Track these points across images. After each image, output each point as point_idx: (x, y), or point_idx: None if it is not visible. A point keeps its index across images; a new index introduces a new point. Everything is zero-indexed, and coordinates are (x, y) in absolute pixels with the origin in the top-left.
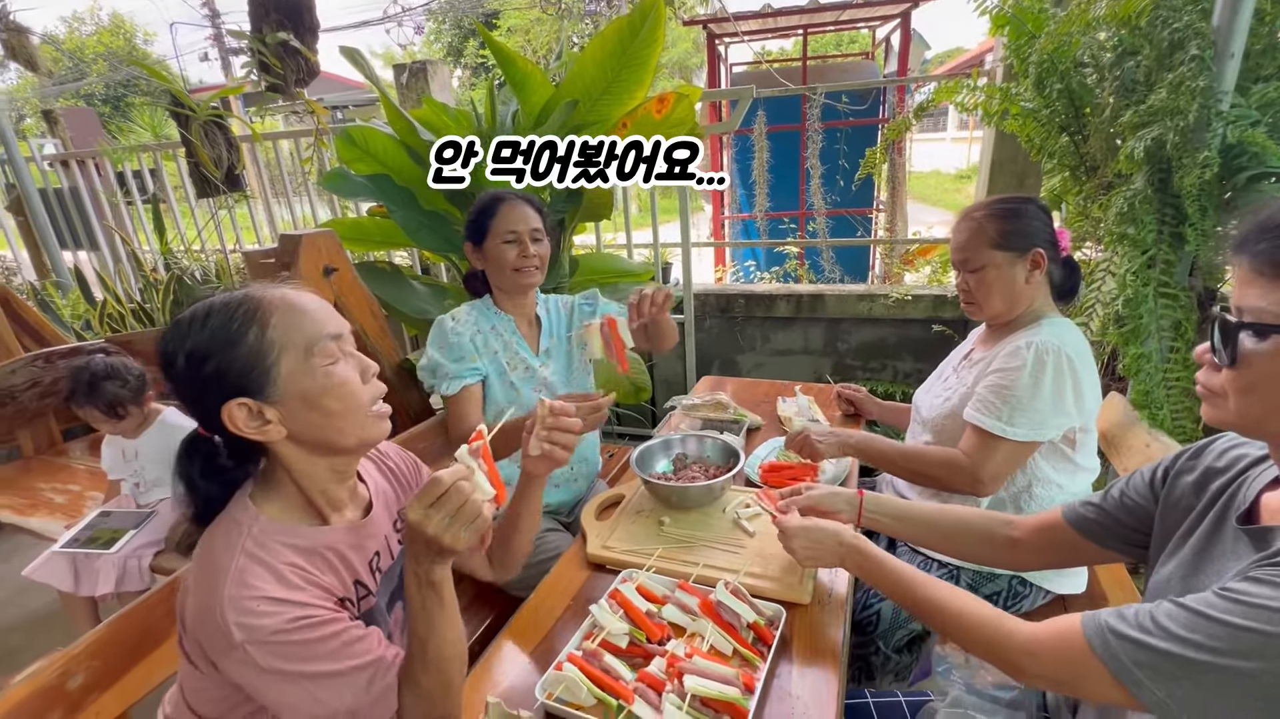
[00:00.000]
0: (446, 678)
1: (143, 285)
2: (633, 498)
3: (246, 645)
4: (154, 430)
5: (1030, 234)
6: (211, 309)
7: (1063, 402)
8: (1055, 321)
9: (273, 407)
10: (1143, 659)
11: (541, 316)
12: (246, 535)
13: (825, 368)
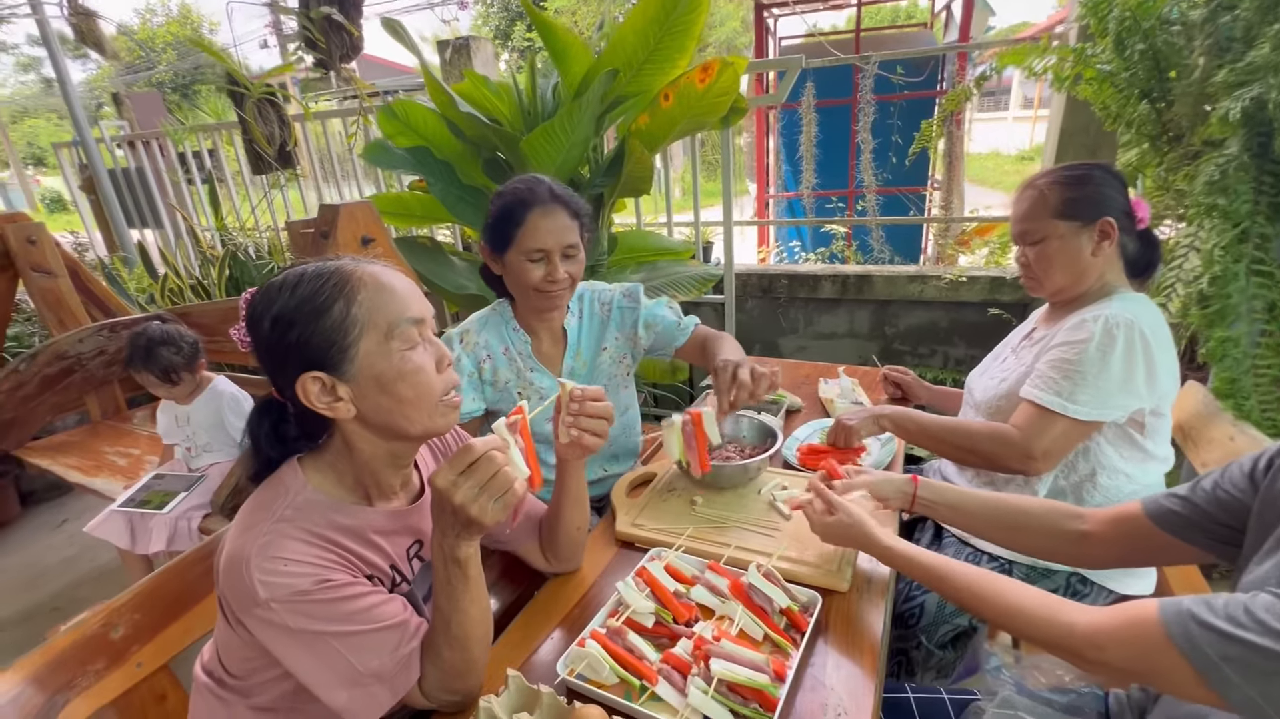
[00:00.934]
0: (469, 654)
1: (200, 261)
2: (664, 476)
3: (272, 603)
4: (205, 397)
5: (1099, 202)
6: (304, 277)
7: (1132, 380)
8: (1129, 296)
9: (346, 384)
10: (1233, 654)
11: (569, 330)
12: (288, 501)
13: (872, 352)
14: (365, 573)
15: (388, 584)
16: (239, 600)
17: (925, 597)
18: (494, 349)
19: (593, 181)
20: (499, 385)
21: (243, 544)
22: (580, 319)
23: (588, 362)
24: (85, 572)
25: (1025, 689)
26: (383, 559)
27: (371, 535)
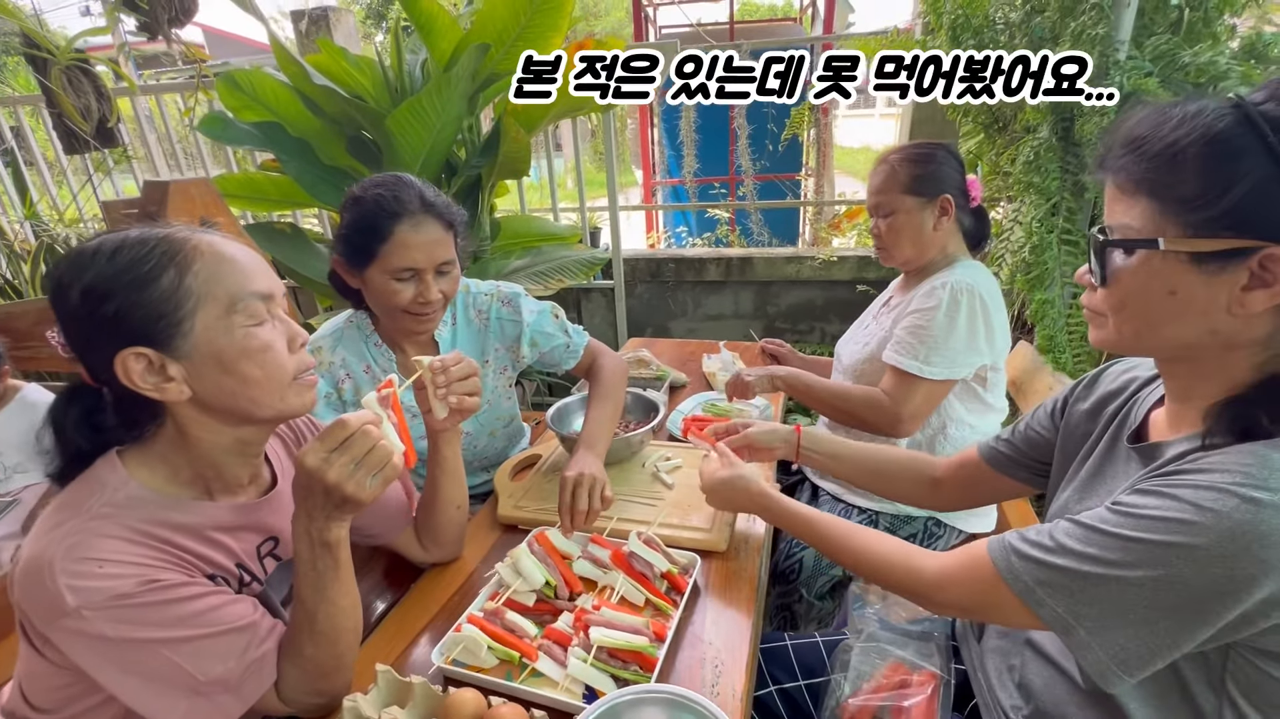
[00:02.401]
0: (337, 650)
1: (7, 256)
2: (549, 457)
3: (84, 611)
4: (12, 409)
5: (940, 180)
6: (124, 242)
7: (975, 339)
8: (968, 264)
9: (178, 363)
10: (1043, 577)
11: (441, 340)
12: (104, 498)
13: (757, 331)
14: (206, 573)
15: (235, 585)
16: (42, 612)
17: (804, 552)
18: (353, 368)
19: (469, 162)
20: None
21: (44, 546)
22: (454, 326)
23: None
24: None
25: (887, 624)
26: (227, 558)
27: (212, 533)
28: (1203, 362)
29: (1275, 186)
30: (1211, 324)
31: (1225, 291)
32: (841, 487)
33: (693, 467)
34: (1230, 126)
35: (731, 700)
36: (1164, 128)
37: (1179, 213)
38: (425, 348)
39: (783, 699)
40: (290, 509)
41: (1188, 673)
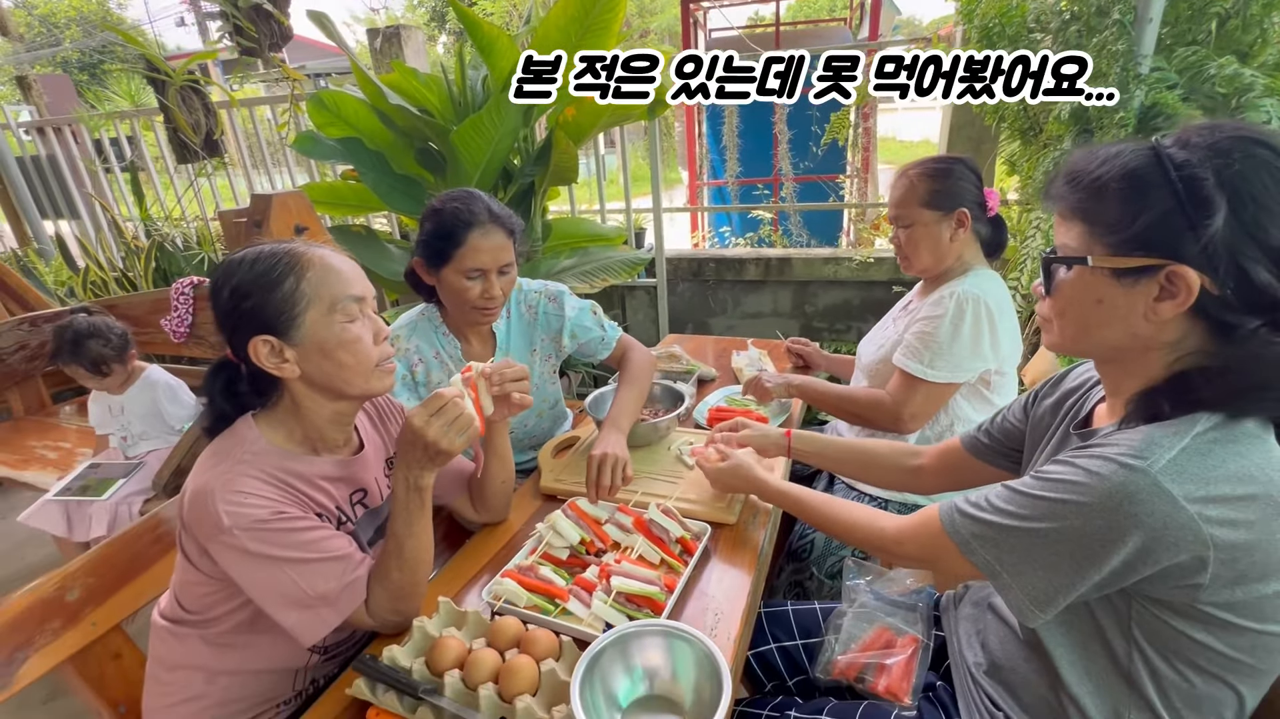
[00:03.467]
0: (416, 576)
1: (124, 253)
2: (587, 439)
3: (235, 530)
4: (139, 387)
5: (957, 194)
6: (260, 255)
7: (979, 345)
8: (980, 273)
9: (292, 348)
10: (976, 531)
11: (498, 332)
12: (245, 449)
13: (794, 329)
14: (316, 512)
15: (334, 524)
16: (204, 529)
17: (816, 534)
18: (425, 353)
19: (523, 170)
20: (431, 386)
21: (208, 480)
22: (508, 320)
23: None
24: (15, 571)
25: (879, 594)
26: (330, 501)
27: (320, 481)
28: (1127, 362)
29: (1176, 215)
30: (1132, 329)
31: (1141, 301)
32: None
33: None
34: (1143, 165)
35: (727, 644)
36: (1092, 164)
37: (1103, 235)
38: (485, 338)
39: (781, 656)
40: (373, 468)
41: (1103, 620)
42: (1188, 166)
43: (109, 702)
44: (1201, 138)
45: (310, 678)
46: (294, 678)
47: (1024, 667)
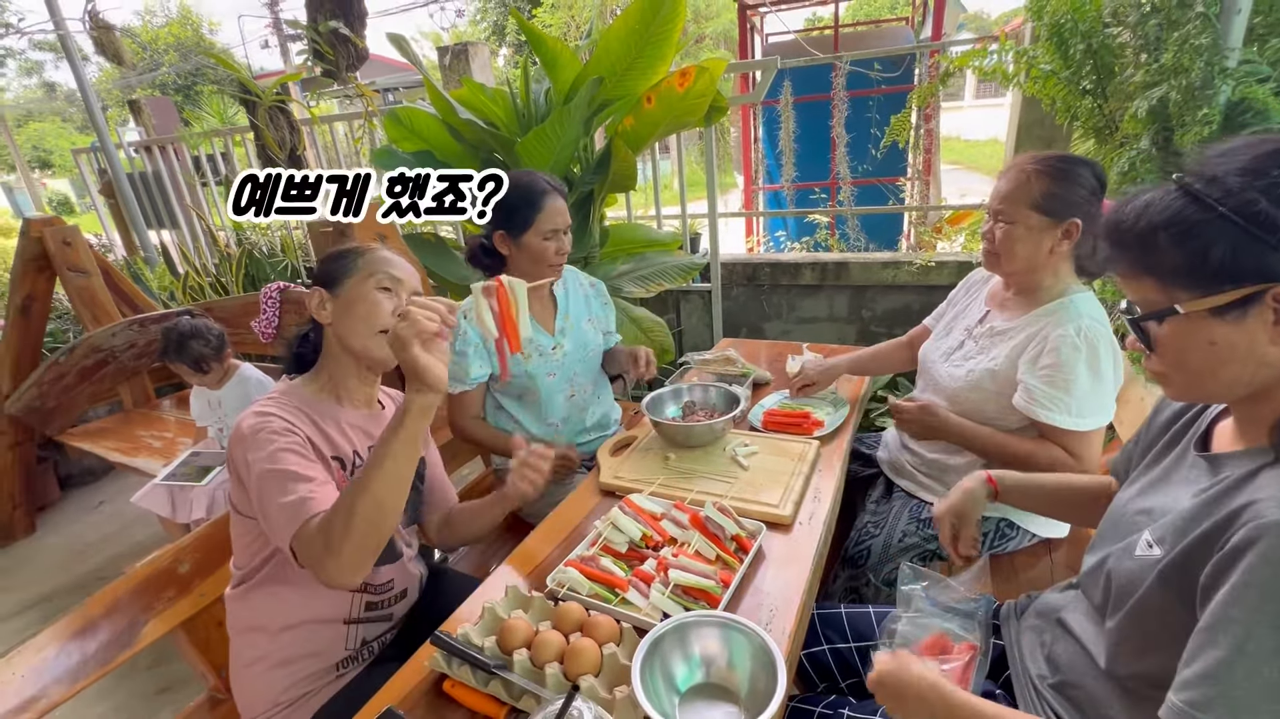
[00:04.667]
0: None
1: (218, 259)
2: (644, 438)
3: (244, 435)
4: (234, 382)
5: (1073, 202)
6: (343, 248)
7: (1117, 377)
8: (1086, 299)
9: (332, 300)
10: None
11: (558, 295)
12: (282, 389)
13: (850, 335)
14: (332, 454)
15: (349, 466)
16: (234, 453)
17: (872, 540)
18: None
19: (583, 179)
20: (493, 353)
21: (246, 413)
22: (566, 289)
23: (575, 324)
24: (125, 547)
25: (937, 601)
26: (346, 444)
27: (340, 423)
28: (1269, 391)
29: (1249, 242)
30: (1260, 359)
31: (1260, 329)
32: (914, 483)
33: (768, 453)
34: (1183, 206)
35: (781, 639)
36: (1127, 219)
37: (1179, 281)
38: (546, 302)
39: (834, 657)
40: None
41: None
42: (1231, 196)
43: (212, 665)
44: (1223, 166)
45: (360, 637)
46: (345, 635)
47: (1095, 686)
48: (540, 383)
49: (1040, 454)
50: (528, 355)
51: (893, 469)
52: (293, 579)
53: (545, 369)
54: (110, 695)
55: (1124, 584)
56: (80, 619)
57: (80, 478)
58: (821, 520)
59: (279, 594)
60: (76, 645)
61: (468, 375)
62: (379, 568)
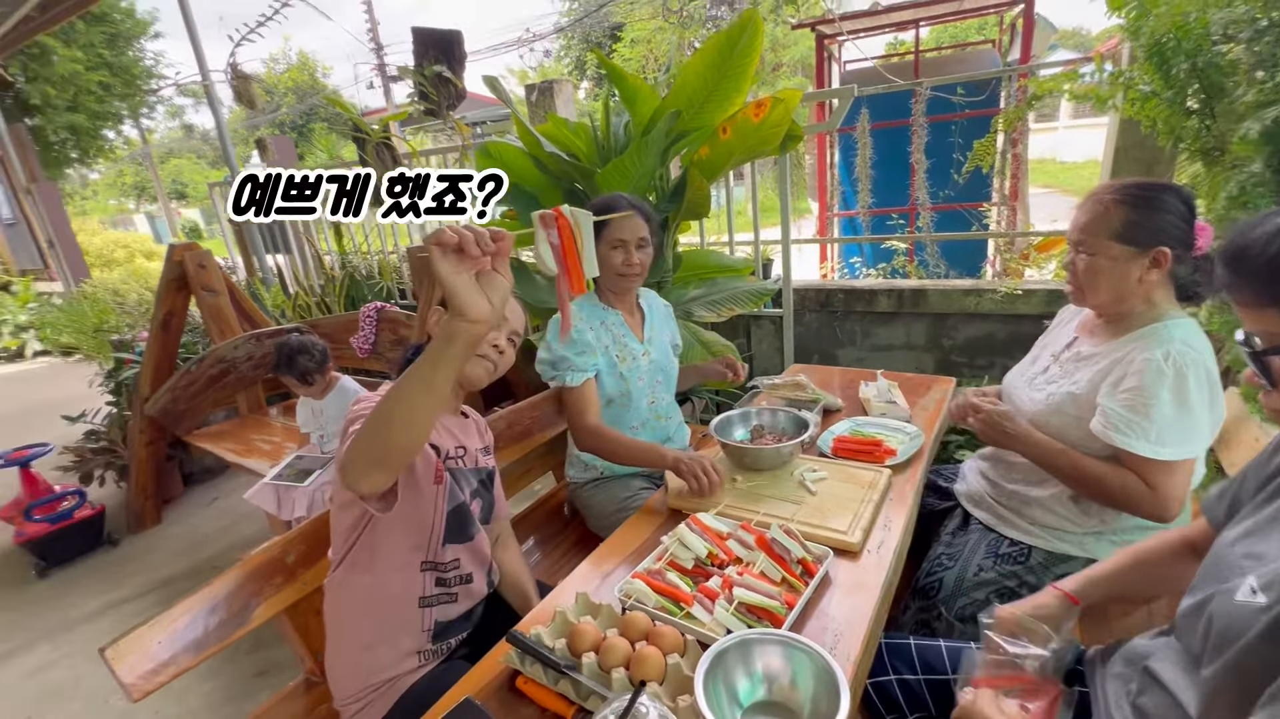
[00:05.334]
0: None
1: (324, 281)
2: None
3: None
4: (335, 393)
5: (1158, 229)
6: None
7: (1214, 408)
8: (1182, 324)
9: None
10: None
11: (644, 308)
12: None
13: (928, 364)
14: (430, 442)
15: (443, 454)
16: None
17: (945, 572)
18: (593, 321)
19: (658, 207)
20: (601, 349)
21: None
22: (649, 305)
23: (658, 334)
24: (235, 540)
25: (1019, 641)
26: (441, 440)
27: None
28: None
29: None
30: None
31: None
32: (993, 515)
33: (837, 479)
34: None
35: (846, 663)
36: (1255, 245)
37: None
38: (634, 311)
39: (901, 688)
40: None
41: None
42: None
43: (311, 650)
44: None
45: (434, 619)
46: (421, 618)
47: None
48: (632, 385)
49: (1112, 477)
50: (622, 358)
51: (970, 500)
52: (370, 563)
53: (637, 373)
54: (217, 675)
55: (1224, 631)
56: (207, 597)
57: (200, 475)
58: (891, 550)
59: (360, 579)
60: (202, 620)
61: (586, 363)
62: (447, 545)
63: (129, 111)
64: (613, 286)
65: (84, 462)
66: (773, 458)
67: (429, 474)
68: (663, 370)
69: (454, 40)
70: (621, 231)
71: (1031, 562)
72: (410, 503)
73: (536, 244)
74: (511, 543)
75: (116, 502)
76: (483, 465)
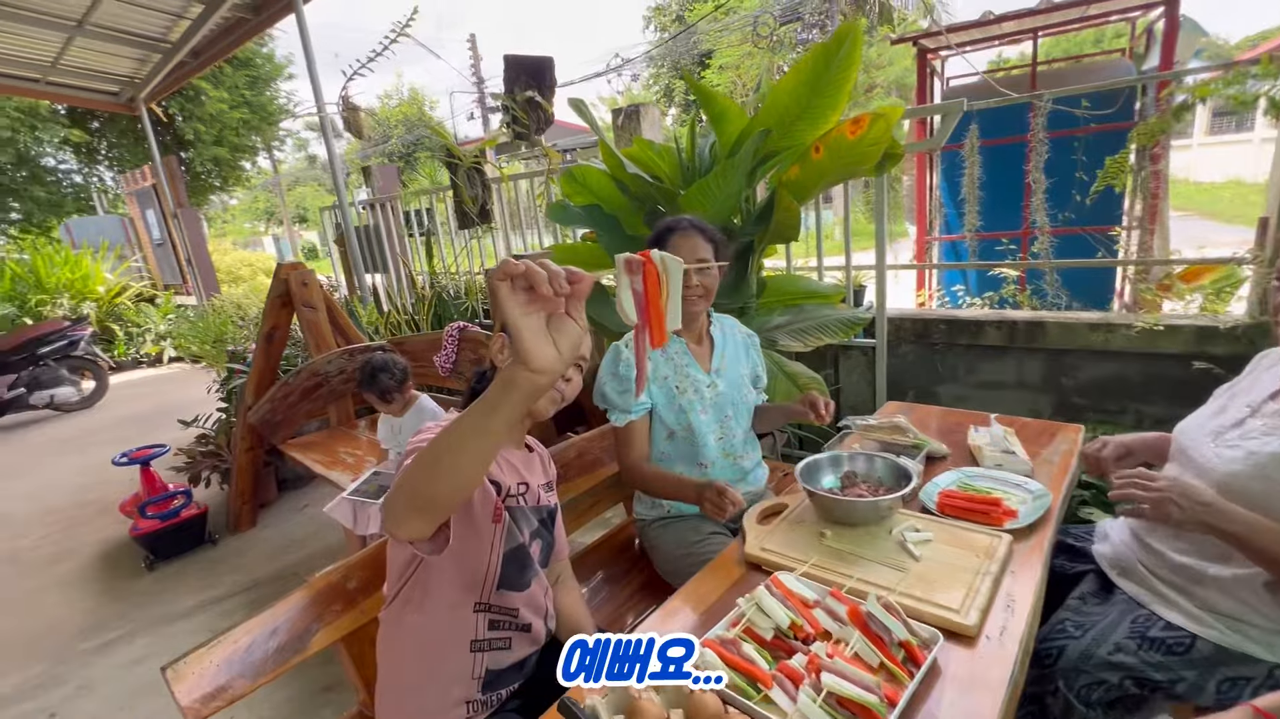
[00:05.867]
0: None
1: (415, 300)
2: (796, 508)
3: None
4: (414, 411)
5: None
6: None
7: None
8: None
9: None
10: None
11: (715, 336)
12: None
13: (1044, 406)
14: (491, 478)
15: (504, 492)
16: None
17: (1070, 641)
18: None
19: (744, 230)
20: (659, 381)
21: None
22: (723, 333)
23: (730, 367)
24: (319, 548)
25: None
26: (502, 477)
27: (499, 458)
28: None
29: None
30: None
31: None
32: (1146, 589)
33: (945, 542)
34: None
35: None
36: None
37: None
38: (702, 340)
39: None
40: (536, 475)
41: None
42: None
43: (365, 680)
44: None
45: (485, 667)
46: (472, 664)
47: None
48: (694, 418)
49: None
50: (682, 390)
51: (1117, 568)
52: (421, 601)
53: (699, 405)
54: (286, 686)
55: None
56: (269, 620)
57: (293, 483)
58: (1016, 638)
59: (412, 617)
60: (261, 644)
61: (632, 404)
62: (503, 591)
63: (263, 144)
64: None
65: (194, 463)
66: (869, 512)
67: (487, 512)
68: (733, 404)
69: (545, 67)
70: (678, 251)
71: (1194, 654)
72: (465, 541)
73: (618, 290)
74: (572, 584)
75: (218, 503)
76: (545, 503)
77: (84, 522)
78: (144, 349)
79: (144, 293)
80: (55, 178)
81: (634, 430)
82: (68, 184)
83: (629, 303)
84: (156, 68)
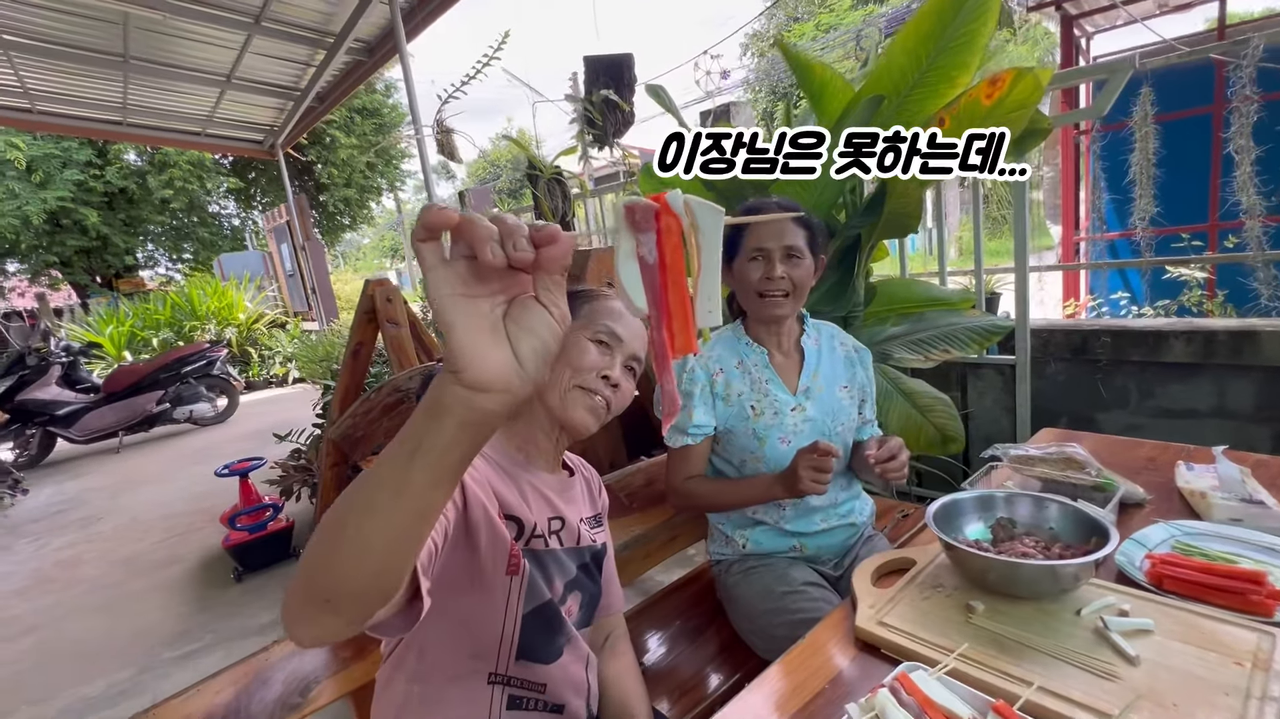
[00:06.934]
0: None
1: None
2: (927, 567)
3: None
4: None
5: None
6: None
7: None
8: None
9: None
10: None
11: (808, 348)
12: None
13: (1262, 438)
14: (506, 511)
15: (526, 533)
16: None
17: None
18: (726, 363)
19: (849, 224)
20: (730, 399)
21: None
22: (819, 345)
23: (825, 388)
24: None
25: None
26: (526, 512)
27: (523, 485)
28: None
29: None
30: None
31: None
32: None
33: (1174, 636)
34: None
35: None
36: None
37: None
38: (791, 352)
39: None
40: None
41: None
42: None
43: None
44: None
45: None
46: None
47: None
48: (770, 449)
49: None
50: (758, 412)
51: None
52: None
53: (778, 432)
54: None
55: None
56: (258, 665)
57: None
58: None
59: (409, 686)
60: (248, 696)
61: (689, 423)
62: (525, 663)
63: (387, 185)
64: (756, 313)
65: (287, 477)
66: (1044, 580)
67: (499, 562)
68: (827, 432)
69: (624, 64)
70: (762, 238)
71: None
72: (470, 599)
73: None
74: (624, 648)
75: (307, 517)
76: (588, 543)
77: (196, 529)
78: (273, 370)
79: (277, 319)
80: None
81: (691, 454)
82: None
83: (633, 280)
84: (290, 114)
